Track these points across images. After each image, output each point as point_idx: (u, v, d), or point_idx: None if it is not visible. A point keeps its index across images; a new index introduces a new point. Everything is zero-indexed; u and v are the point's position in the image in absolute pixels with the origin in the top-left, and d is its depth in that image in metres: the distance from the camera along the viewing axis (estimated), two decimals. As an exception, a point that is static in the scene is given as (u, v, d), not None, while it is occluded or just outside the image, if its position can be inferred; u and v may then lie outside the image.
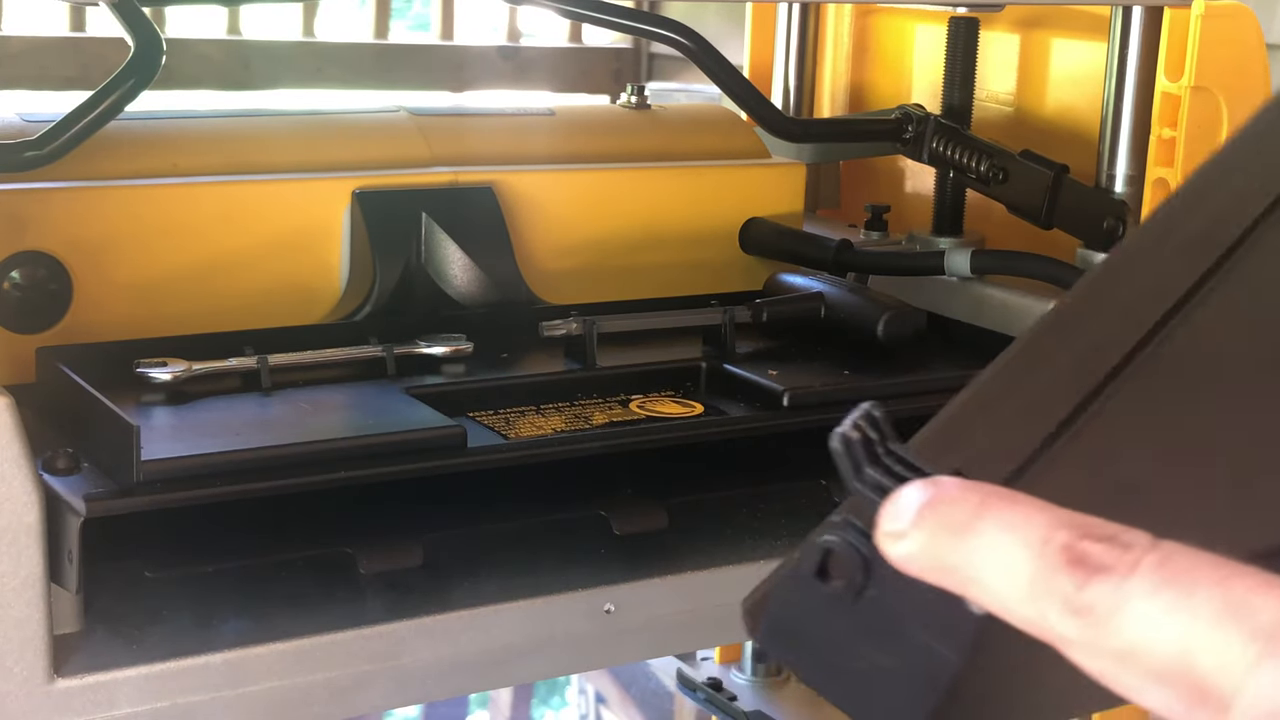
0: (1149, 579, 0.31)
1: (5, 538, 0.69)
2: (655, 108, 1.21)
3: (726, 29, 1.87)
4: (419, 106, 1.12)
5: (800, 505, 0.93)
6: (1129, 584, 0.31)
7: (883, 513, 0.35)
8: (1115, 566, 0.31)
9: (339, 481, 0.78)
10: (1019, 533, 0.32)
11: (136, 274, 0.94)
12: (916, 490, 0.35)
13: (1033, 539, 0.32)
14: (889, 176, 1.38)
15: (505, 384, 0.93)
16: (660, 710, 1.97)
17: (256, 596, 0.79)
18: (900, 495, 0.35)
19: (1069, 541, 0.32)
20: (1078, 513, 0.33)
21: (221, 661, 0.74)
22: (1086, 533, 0.32)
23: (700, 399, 0.93)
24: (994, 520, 0.33)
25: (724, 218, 1.16)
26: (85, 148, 0.85)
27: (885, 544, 0.35)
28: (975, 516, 0.33)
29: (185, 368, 0.87)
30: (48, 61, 3.32)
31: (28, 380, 0.88)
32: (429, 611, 0.79)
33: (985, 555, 0.33)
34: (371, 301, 0.99)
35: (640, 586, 0.84)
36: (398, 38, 3.90)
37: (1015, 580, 0.32)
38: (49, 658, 0.70)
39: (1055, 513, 0.33)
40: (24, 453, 0.69)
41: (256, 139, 1.04)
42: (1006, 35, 1.27)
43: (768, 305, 1.03)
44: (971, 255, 1.12)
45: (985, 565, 0.33)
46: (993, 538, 0.33)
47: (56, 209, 0.92)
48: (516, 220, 1.06)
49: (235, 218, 0.98)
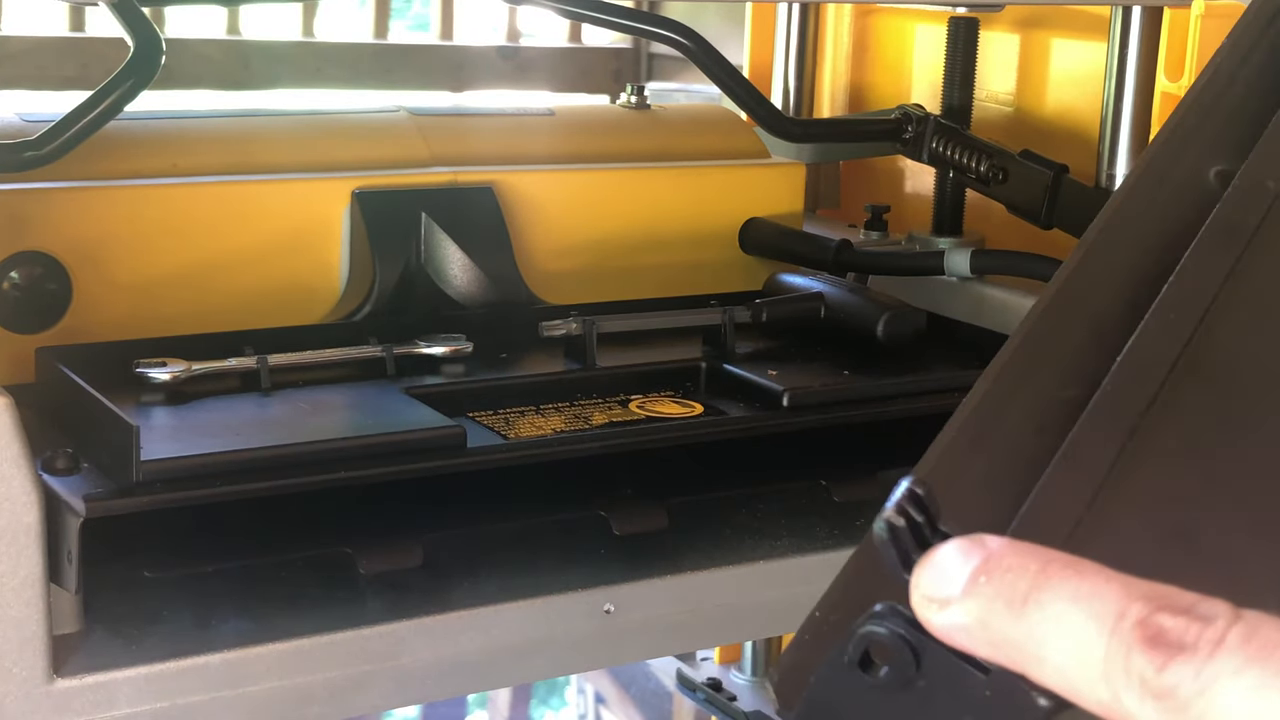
0: (1235, 657, 0.28)
1: (5, 538, 0.69)
2: (655, 108, 1.21)
3: (726, 29, 1.87)
4: (419, 106, 1.12)
5: (800, 505, 0.93)
6: (1214, 663, 0.28)
7: (922, 574, 0.32)
8: (1198, 645, 0.29)
9: (339, 481, 0.78)
10: (1089, 606, 0.30)
11: (136, 274, 0.94)
12: (960, 551, 0.32)
13: (1105, 613, 0.29)
14: (889, 176, 1.38)
15: (505, 384, 0.93)
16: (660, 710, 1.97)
17: (256, 596, 0.79)
18: (941, 555, 0.32)
19: (1144, 616, 0.29)
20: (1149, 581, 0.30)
21: (221, 661, 0.74)
22: (1163, 605, 0.29)
23: (700, 399, 0.93)
24: (1059, 591, 0.30)
25: (724, 218, 1.16)
26: (85, 148, 0.85)
27: (926, 610, 0.32)
28: (1037, 587, 0.30)
29: (185, 368, 0.87)
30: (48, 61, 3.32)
31: (28, 380, 0.88)
32: (429, 611, 0.79)
33: (1051, 631, 0.30)
34: (371, 301, 0.99)
35: (640, 586, 0.84)
36: (397, 38, 3.90)
37: (1087, 660, 0.29)
38: (48, 658, 0.70)
39: (1126, 583, 0.30)
40: (24, 453, 0.69)
41: (256, 139, 1.03)
42: (1006, 35, 1.27)
43: (768, 305, 1.03)
44: (971, 255, 1.12)
45: (1052, 643, 0.30)
46: (1059, 610, 0.30)
47: (56, 209, 0.92)
48: (516, 220, 1.06)
49: (235, 218, 0.98)
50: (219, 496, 0.75)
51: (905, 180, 1.37)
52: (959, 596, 0.31)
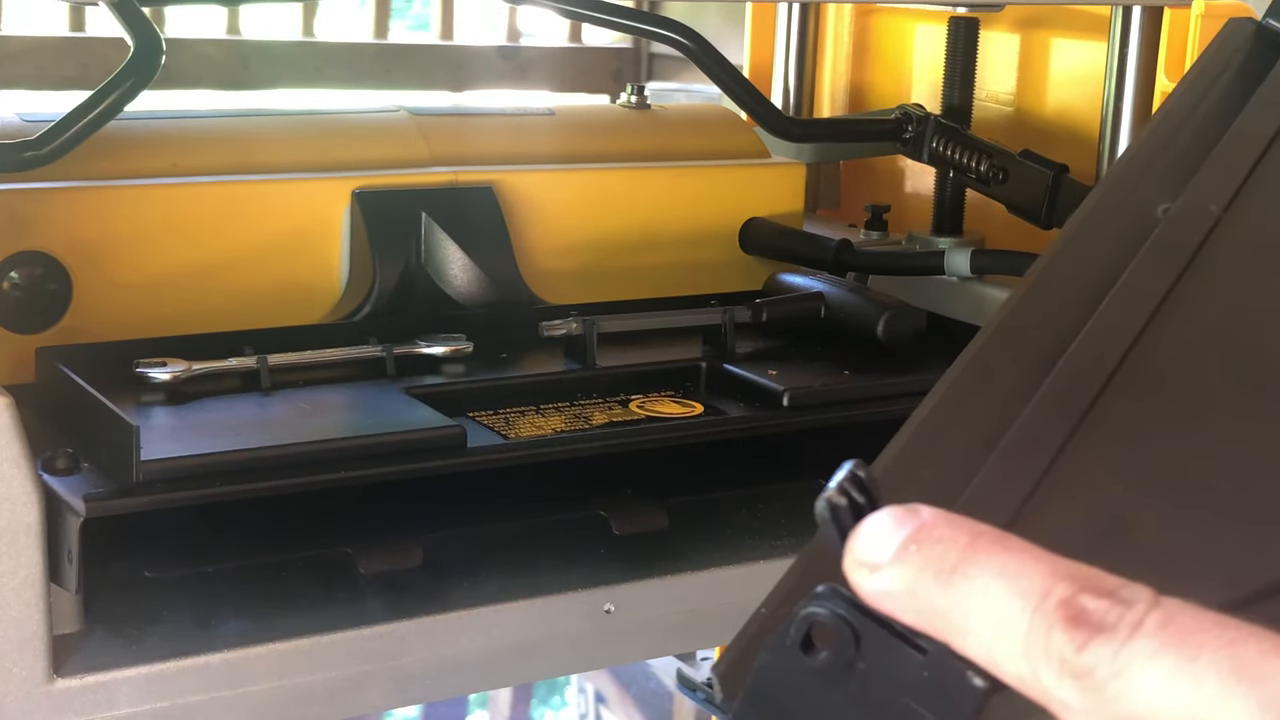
0: (1152, 641, 0.29)
1: (5, 538, 0.69)
2: (655, 108, 1.21)
3: (726, 29, 1.87)
4: (419, 106, 1.12)
5: (800, 505, 0.93)
6: (1131, 646, 0.29)
7: (855, 540, 0.32)
8: (1117, 627, 0.29)
9: (339, 481, 0.78)
10: (1015, 582, 0.30)
11: (136, 274, 0.94)
12: (894, 519, 0.32)
13: (1029, 590, 0.30)
14: (889, 176, 1.38)
15: (505, 384, 0.93)
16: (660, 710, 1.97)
17: (256, 596, 0.79)
18: (874, 522, 0.32)
19: (1068, 596, 0.30)
20: (1076, 562, 0.30)
21: (221, 661, 0.74)
22: (1087, 585, 0.30)
23: (700, 399, 0.93)
24: (987, 565, 0.31)
25: (724, 218, 1.16)
26: (85, 148, 0.85)
27: (857, 575, 0.32)
28: (965, 559, 0.31)
29: (185, 368, 0.87)
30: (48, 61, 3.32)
31: (28, 380, 0.88)
32: (429, 611, 0.79)
33: (976, 604, 0.30)
34: (371, 301, 0.99)
35: (640, 586, 0.84)
36: (397, 38, 3.90)
37: (1009, 635, 0.30)
38: (49, 658, 0.70)
39: (1053, 562, 0.30)
40: (24, 453, 0.69)
41: (256, 139, 1.03)
42: (1006, 35, 1.27)
43: (768, 305, 1.03)
44: (971, 255, 1.12)
45: (976, 615, 0.30)
46: (985, 584, 0.30)
47: (56, 209, 0.92)
48: (516, 220, 1.06)
49: (235, 218, 0.98)
50: (219, 496, 0.75)
51: (905, 180, 1.37)
52: (889, 563, 0.32)
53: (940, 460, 0.36)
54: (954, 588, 0.31)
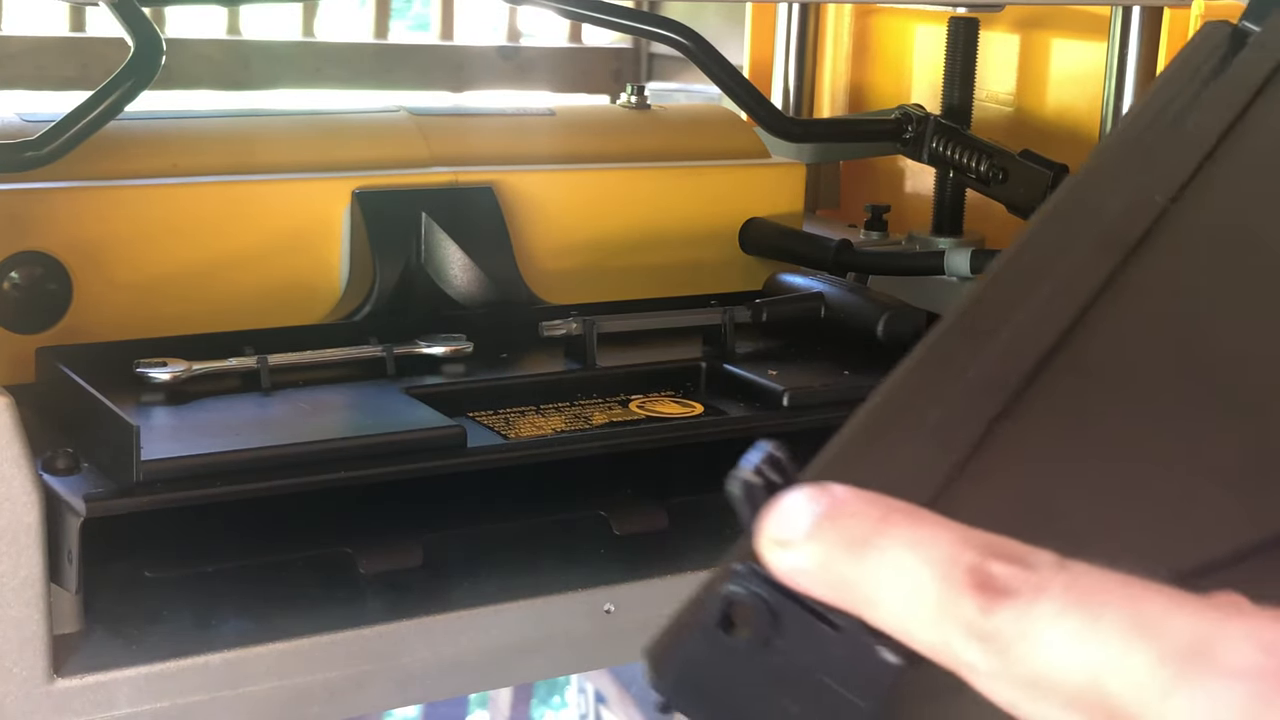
0: (1055, 602, 0.29)
1: (5, 538, 0.69)
2: (655, 108, 1.21)
3: (726, 29, 1.87)
4: (419, 106, 1.12)
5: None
6: (1035, 608, 0.29)
7: (769, 519, 0.33)
8: (1021, 590, 0.29)
9: (339, 481, 0.78)
10: (923, 552, 0.31)
11: (136, 274, 0.94)
12: (806, 497, 0.33)
13: (938, 559, 0.30)
14: (889, 176, 1.38)
15: (505, 384, 0.93)
16: (660, 710, 1.96)
17: (256, 596, 0.79)
18: (788, 501, 0.33)
19: (975, 563, 0.30)
20: (985, 532, 0.31)
21: (221, 661, 0.74)
22: (993, 553, 0.30)
23: (700, 399, 0.93)
24: (897, 537, 0.31)
25: (724, 218, 1.16)
26: (85, 148, 0.85)
27: (772, 553, 0.33)
28: (876, 532, 0.31)
29: (185, 368, 0.87)
30: (48, 61, 3.32)
31: (28, 380, 0.88)
32: (429, 611, 0.79)
33: (887, 575, 0.31)
34: (371, 301, 0.99)
35: (640, 586, 0.84)
36: (398, 38, 3.90)
37: (919, 604, 0.30)
38: (49, 658, 0.70)
39: (961, 532, 0.31)
40: (24, 453, 0.69)
41: (256, 139, 1.04)
42: (1006, 35, 1.27)
43: (768, 305, 1.03)
44: (971, 255, 1.12)
45: (887, 586, 0.31)
46: (895, 556, 0.31)
47: (56, 209, 0.92)
48: (516, 220, 1.06)
49: (235, 218, 0.98)
50: (219, 496, 0.75)
51: (905, 180, 1.37)
52: (802, 540, 0.32)
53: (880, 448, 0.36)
54: (865, 560, 0.31)
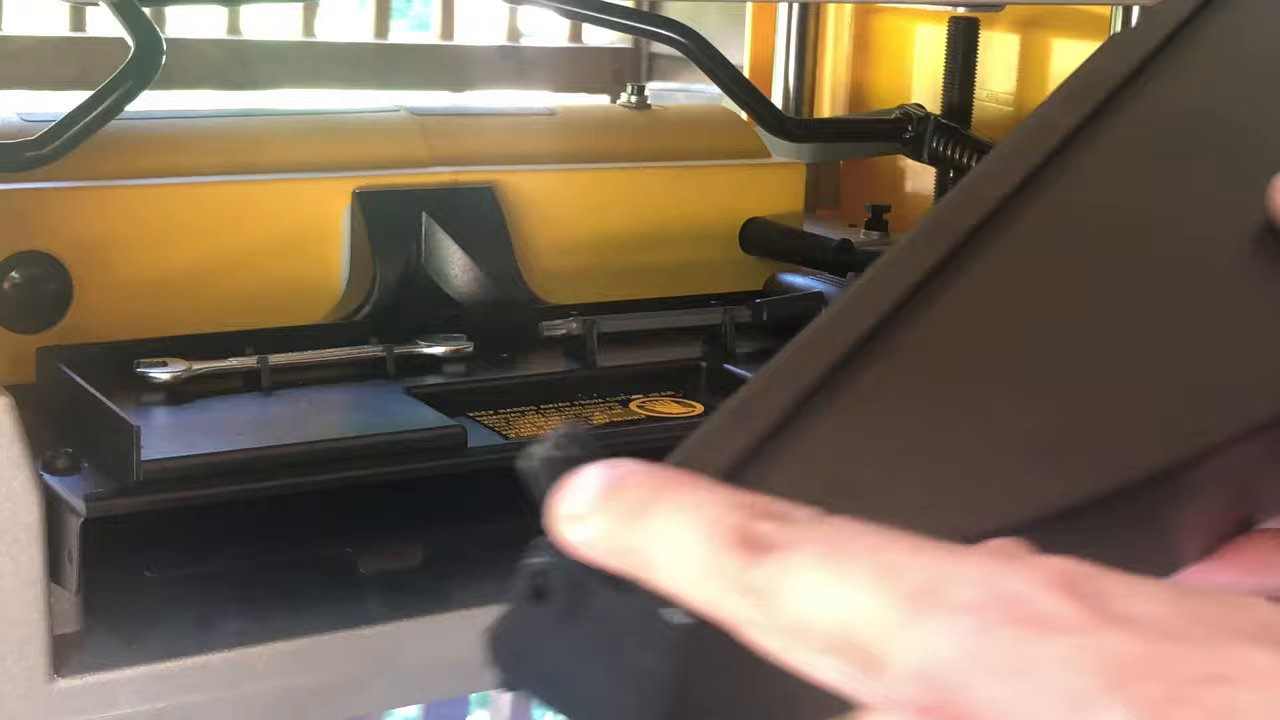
0: (809, 554, 0.31)
1: (5, 538, 0.69)
2: (655, 108, 1.21)
3: (726, 29, 1.87)
4: (419, 106, 1.12)
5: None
6: (790, 560, 0.31)
7: (561, 495, 0.34)
8: (777, 544, 0.31)
9: (339, 481, 0.78)
10: (692, 515, 0.32)
11: (136, 274, 0.94)
12: (595, 474, 0.34)
13: (705, 521, 0.32)
14: (889, 176, 1.38)
15: (505, 384, 0.93)
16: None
17: (256, 596, 0.79)
18: (579, 478, 0.34)
19: (738, 523, 0.32)
20: (752, 494, 0.33)
21: (221, 661, 0.74)
22: (757, 512, 0.32)
23: (700, 399, 0.93)
24: (669, 504, 0.33)
25: (724, 218, 1.16)
26: (85, 148, 0.85)
27: (562, 528, 0.34)
28: (652, 500, 0.33)
29: (185, 368, 0.87)
30: (48, 61, 3.32)
31: (28, 380, 0.88)
32: (429, 611, 0.79)
33: (660, 539, 0.32)
34: (371, 301, 0.99)
35: (640, 586, 0.84)
36: (398, 38, 3.90)
37: (690, 564, 0.32)
38: (49, 657, 0.70)
39: (729, 494, 0.33)
40: (24, 453, 0.69)
41: (256, 139, 1.04)
42: (1006, 35, 1.27)
43: (768, 305, 1.03)
44: (971, 255, 1.11)
45: (661, 549, 0.32)
46: (667, 521, 0.33)
47: (56, 209, 0.92)
48: (516, 220, 1.06)
49: (235, 218, 0.98)
50: (219, 496, 0.75)
51: (905, 180, 1.37)
52: (590, 513, 0.34)
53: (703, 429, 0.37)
54: (642, 528, 0.33)
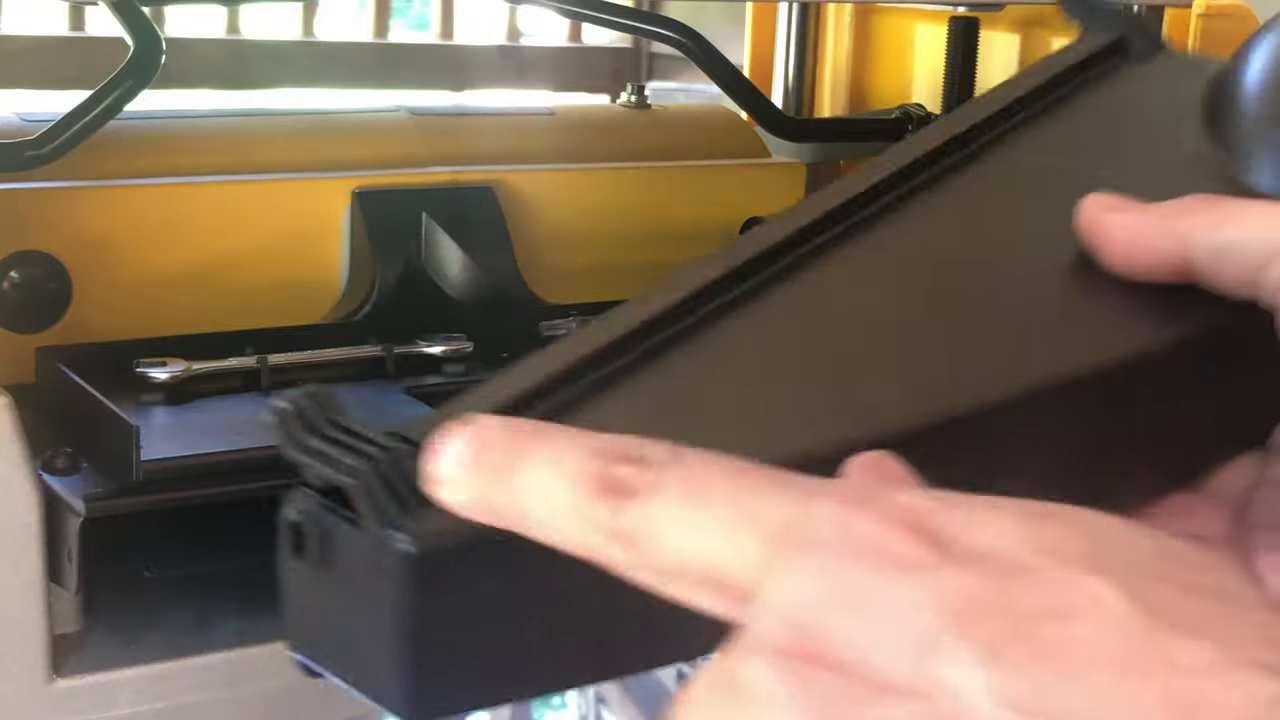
0: (670, 497, 0.31)
1: (5, 538, 0.69)
2: (655, 108, 1.21)
3: (726, 29, 1.87)
4: (419, 106, 1.12)
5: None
6: (654, 505, 0.31)
7: (430, 458, 0.35)
8: (639, 489, 0.32)
9: (339, 481, 0.78)
10: (556, 467, 0.33)
11: (136, 274, 0.94)
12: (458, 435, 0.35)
13: (569, 471, 0.33)
14: (889, 176, 1.38)
15: (505, 384, 0.93)
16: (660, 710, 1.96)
17: (256, 596, 0.79)
18: (445, 441, 0.35)
19: (600, 470, 0.32)
20: (609, 435, 0.33)
21: (221, 661, 0.74)
22: (616, 456, 0.33)
23: (700, 399, 0.93)
24: (533, 457, 0.33)
25: (724, 218, 1.16)
26: (85, 147, 0.85)
27: (439, 491, 0.35)
28: (516, 456, 0.34)
29: (185, 367, 0.87)
30: (48, 61, 3.32)
31: (27, 380, 0.88)
32: (429, 611, 0.79)
33: (529, 493, 0.33)
34: (371, 301, 0.99)
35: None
36: (398, 37, 3.90)
37: (559, 514, 0.33)
38: (48, 658, 0.70)
39: (587, 440, 0.33)
40: (24, 453, 0.69)
41: (256, 139, 1.03)
42: (1007, 35, 1.27)
43: (768, 305, 1.03)
44: (972, 255, 1.11)
45: (531, 503, 0.33)
46: (533, 474, 0.33)
47: (56, 209, 0.92)
48: (517, 220, 1.06)
49: (234, 217, 0.98)
50: (219, 496, 0.75)
51: (905, 180, 1.37)
52: (464, 477, 0.34)
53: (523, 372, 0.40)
54: (511, 487, 0.34)
